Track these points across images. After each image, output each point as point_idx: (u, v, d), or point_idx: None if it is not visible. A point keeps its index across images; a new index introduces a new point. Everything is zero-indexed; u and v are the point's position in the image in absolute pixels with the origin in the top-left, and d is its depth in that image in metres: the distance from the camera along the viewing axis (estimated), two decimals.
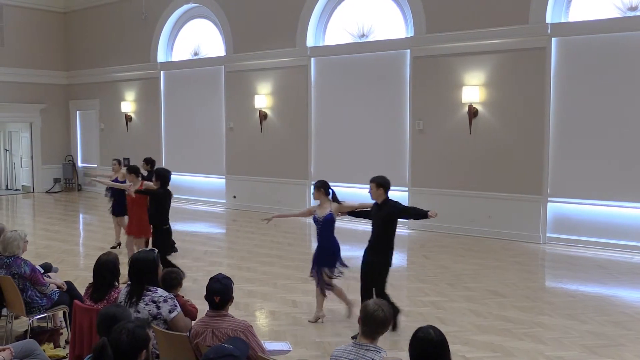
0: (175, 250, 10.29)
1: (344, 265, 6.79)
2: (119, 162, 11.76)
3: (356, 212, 6.84)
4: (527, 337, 6.33)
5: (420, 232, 12.15)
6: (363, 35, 13.68)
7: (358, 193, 13.63)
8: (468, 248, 10.78)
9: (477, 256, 10.18)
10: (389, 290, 6.46)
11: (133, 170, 9.16)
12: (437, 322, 6.32)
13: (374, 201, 6.56)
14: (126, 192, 9.02)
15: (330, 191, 6.81)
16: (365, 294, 6.39)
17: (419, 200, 12.40)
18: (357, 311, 4.29)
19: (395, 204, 6.51)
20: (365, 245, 6.57)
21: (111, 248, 10.42)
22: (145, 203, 8.77)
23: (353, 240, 9.30)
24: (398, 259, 10.45)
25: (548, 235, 11.09)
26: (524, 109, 11.25)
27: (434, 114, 12.30)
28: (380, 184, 6.46)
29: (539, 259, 10.26)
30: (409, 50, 12.60)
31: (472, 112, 11.72)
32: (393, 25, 13.18)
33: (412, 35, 12.58)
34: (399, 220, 6.45)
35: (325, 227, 6.73)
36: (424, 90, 12.38)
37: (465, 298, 7.74)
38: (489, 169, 11.66)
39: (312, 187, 7.17)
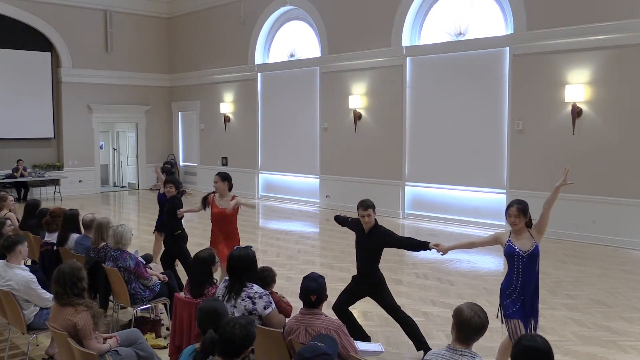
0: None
1: None
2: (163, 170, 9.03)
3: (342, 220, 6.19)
4: (634, 350, 5.95)
5: None
6: (460, 34, 13.39)
7: (451, 194, 13.44)
8: (570, 254, 10.29)
9: (581, 263, 9.70)
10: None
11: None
12: (537, 330, 6.06)
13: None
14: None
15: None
16: (341, 307, 5.89)
17: None
18: None
19: (387, 232, 5.76)
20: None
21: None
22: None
23: None
24: (497, 263, 10.16)
25: None
26: (634, 108, 10.60)
27: (534, 114, 11.84)
28: (373, 206, 5.65)
29: None
30: (508, 48, 12.21)
31: (576, 112, 11.19)
32: (491, 22, 12.82)
33: (512, 32, 12.19)
34: None
35: None
36: (523, 89, 11.95)
37: (566, 306, 7.39)
38: (593, 171, 11.08)
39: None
